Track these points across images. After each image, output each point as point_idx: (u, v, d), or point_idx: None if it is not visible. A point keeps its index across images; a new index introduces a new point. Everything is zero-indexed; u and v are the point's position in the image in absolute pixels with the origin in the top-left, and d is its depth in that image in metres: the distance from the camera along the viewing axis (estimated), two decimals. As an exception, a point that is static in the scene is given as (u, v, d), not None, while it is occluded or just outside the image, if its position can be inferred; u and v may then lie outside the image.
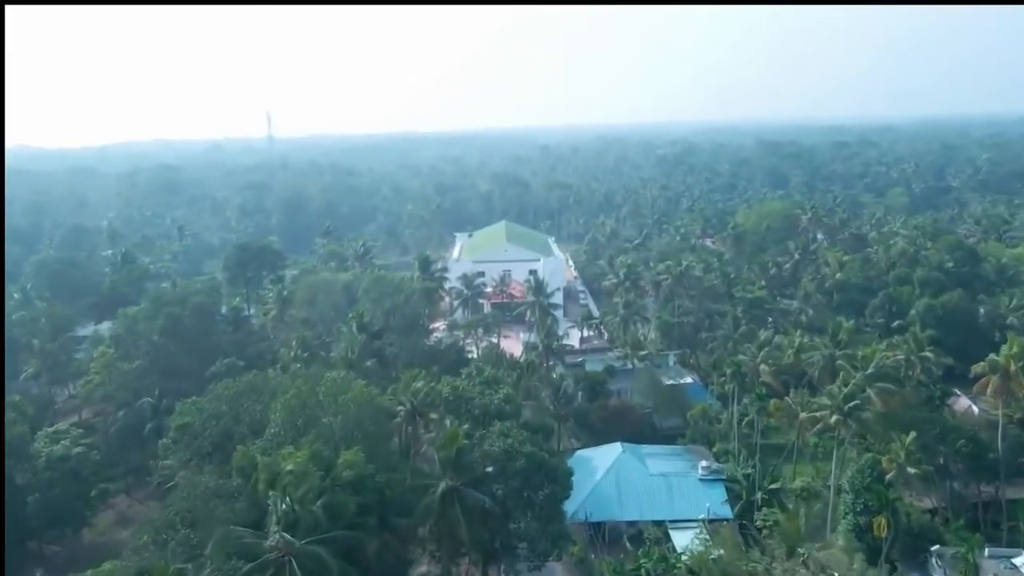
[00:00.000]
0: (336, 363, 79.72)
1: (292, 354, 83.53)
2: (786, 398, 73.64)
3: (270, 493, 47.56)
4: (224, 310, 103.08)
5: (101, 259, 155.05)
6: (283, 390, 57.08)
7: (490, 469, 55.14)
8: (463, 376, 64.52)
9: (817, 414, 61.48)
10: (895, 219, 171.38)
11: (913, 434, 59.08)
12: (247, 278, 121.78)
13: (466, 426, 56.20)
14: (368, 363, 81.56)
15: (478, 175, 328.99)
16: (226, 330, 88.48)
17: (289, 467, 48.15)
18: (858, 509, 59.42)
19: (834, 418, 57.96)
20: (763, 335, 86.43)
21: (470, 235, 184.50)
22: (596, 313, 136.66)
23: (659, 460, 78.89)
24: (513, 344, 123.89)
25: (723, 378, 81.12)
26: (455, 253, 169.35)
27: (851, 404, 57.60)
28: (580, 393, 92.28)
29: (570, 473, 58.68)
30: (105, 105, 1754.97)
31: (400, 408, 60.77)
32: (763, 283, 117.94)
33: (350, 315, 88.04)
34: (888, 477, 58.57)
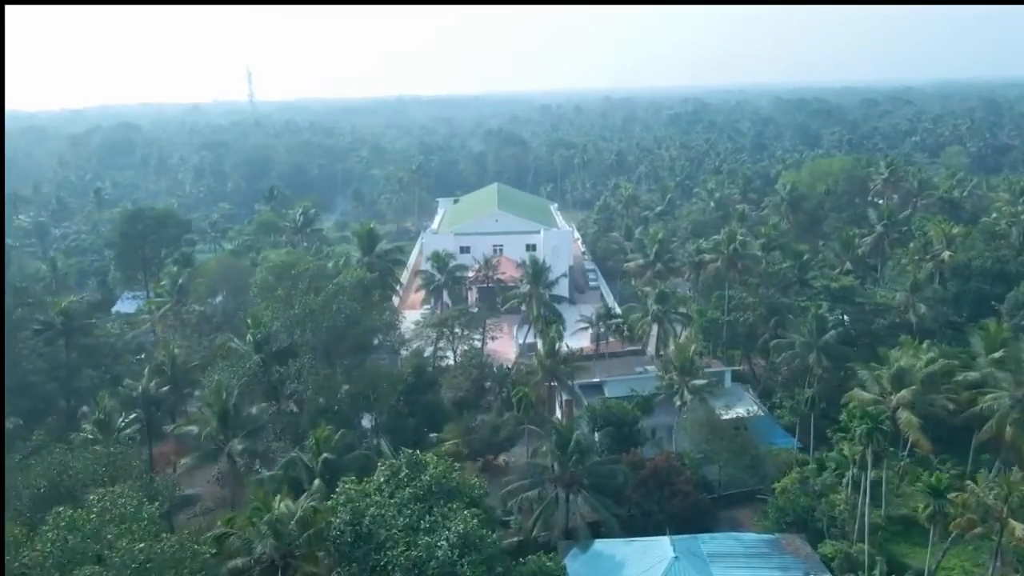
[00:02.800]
0: (197, 416, 48.45)
1: (140, 389, 52.05)
2: (970, 485, 42.03)
3: None
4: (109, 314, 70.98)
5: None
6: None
7: None
8: (383, 475, 32.68)
9: None
10: (968, 180, 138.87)
11: None
12: (144, 258, 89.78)
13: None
14: (255, 409, 50.21)
15: (471, 136, 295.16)
16: (40, 348, 56.79)
17: None
18: None
19: None
20: (898, 358, 54.53)
21: (456, 200, 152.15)
22: (612, 303, 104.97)
23: (734, 570, 47.83)
24: (505, 346, 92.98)
25: (843, 435, 49.38)
26: (435, 223, 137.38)
27: None
28: (597, 435, 61.27)
29: None
30: (94, 68, 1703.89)
31: (237, 562, 29.11)
32: (848, 266, 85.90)
33: (248, 323, 56.51)
34: None
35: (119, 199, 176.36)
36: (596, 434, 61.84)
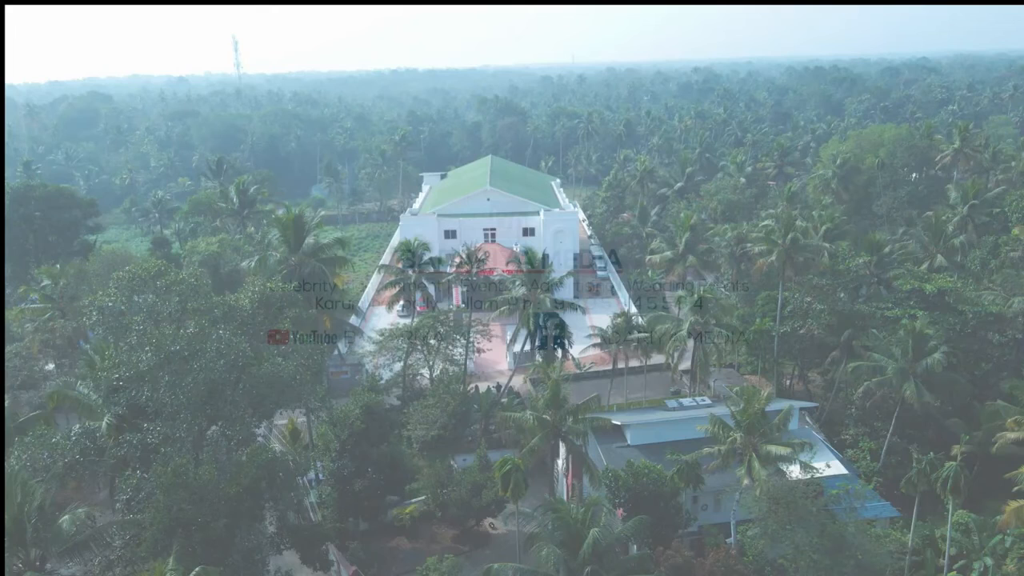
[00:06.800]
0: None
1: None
2: None
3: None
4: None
5: None
6: None
7: None
8: None
9: None
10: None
11: None
12: (35, 249, 70.29)
13: None
14: (80, 512, 31.31)
15: (467, 107, 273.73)
16: None
17: None
18: None
19: None
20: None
21: (443, 176, 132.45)
22: (627, 302, 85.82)
23: None
24: (496, 355, 74.49)
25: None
26: (417, 202, 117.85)
27: None
28: (621, 514, 42.39)
29: None
30: (86, 41, 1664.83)
31: None
32: (941, 260, 66.42)
33: (95, 360, 37.38)
34: None
35: (66, 175, 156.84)
36: (618, 510, 43.19)
